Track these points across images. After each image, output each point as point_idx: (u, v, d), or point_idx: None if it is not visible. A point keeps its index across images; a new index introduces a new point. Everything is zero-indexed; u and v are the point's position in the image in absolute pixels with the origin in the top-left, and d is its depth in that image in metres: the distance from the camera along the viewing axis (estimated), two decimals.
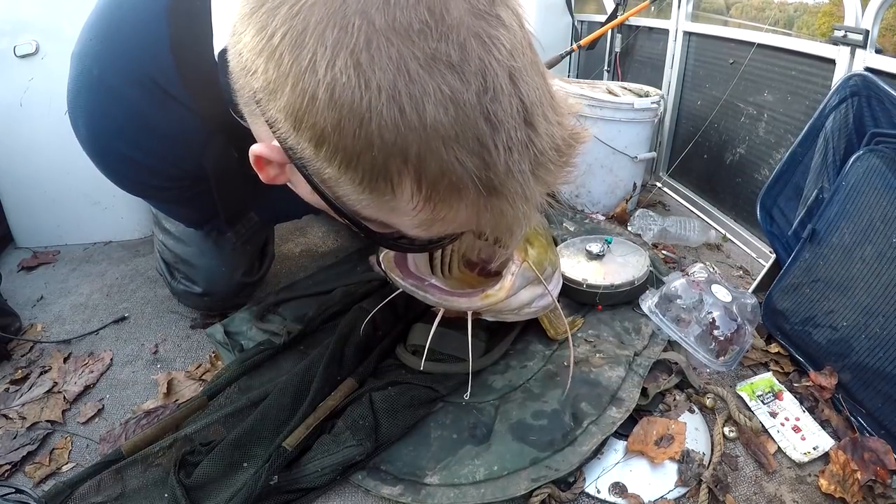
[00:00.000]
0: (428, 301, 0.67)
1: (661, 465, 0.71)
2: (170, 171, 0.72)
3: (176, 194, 0.78)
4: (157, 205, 0.86)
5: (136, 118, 0.65)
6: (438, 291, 0.66)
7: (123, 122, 0.65)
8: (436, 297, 0.66)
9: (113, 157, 0.68)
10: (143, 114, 0.65)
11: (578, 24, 2.31)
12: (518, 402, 0.78)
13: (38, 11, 1.15)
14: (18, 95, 1.17)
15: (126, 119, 0.65)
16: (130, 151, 0.67)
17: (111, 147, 0.67)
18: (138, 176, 0.71)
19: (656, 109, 1.38)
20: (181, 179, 0.74)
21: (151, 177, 0.71)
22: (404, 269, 0.69)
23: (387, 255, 0.70)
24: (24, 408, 0.81)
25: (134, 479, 0.67)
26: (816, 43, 1.12)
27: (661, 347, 0.90)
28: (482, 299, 0.64)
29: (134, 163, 0.69)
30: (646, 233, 1.31)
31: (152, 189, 0.75)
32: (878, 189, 0.79)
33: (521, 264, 0.66)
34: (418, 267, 0.72)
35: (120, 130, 0.66)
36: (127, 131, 0.66)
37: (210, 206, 0.82)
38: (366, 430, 0.70)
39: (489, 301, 0.64)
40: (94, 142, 0.68)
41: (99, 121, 0.66)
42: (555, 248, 0.85)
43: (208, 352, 0.94)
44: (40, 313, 1.05)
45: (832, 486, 0.68)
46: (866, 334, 0.78)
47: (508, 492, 0.65)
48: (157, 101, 0.64)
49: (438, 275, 0.77)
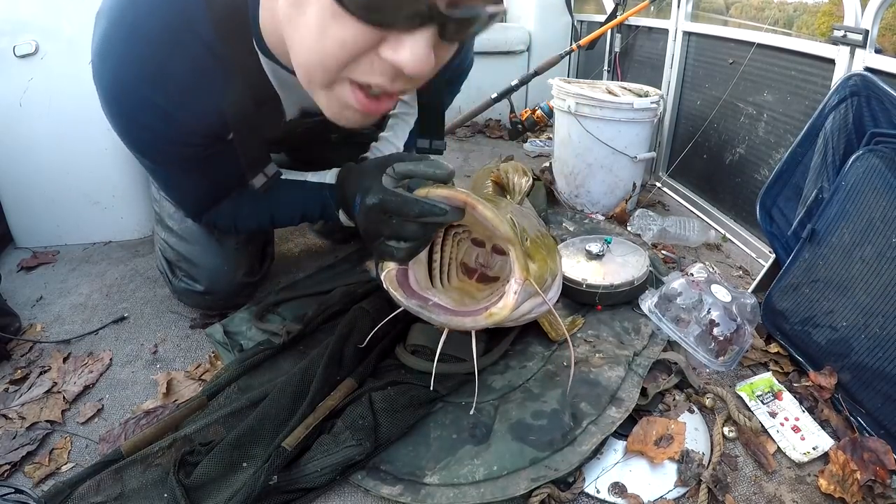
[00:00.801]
0: (432, 321, 0.68)
1: (661, 465, 0.71)
2: (188, 123, 0.72)
3: (189, 153, 0.77)
4: (164, 175, 0.84)
5: (161, 61, 0.65)
6: (443, 311, 0.67)
7: (150, 64, 0.65)
8: (440, 317, 0.67)
9: (136, 103, 0.68)
10: (169, 58, 0.66)
11: (578, 23, 2.31)
12: (518, 402, 0.78)
13: (38, 11, 1.15)
14: (18, 95, 1.17)
15: (156, 64, 0.65)
16: (155, 95, 0.67)
17: (137, 93, 0.67)
18: (157, 125, 0.71)
19: (656, 109, 1.38)
20: (197, 135, 0.74)
21: (169, 127, 0.71)
22: (407, 289, 0.69)
23: (389, 274, 0.70)
24: (23, 408, 0.81)
25: (133, 479, 0.67)
26: (816, 43, 1.12)
27: (660, 347, 0.90)
28: (486, 318, 0.65)
29: (156, 110, 0.69)
30: (645, 233, 1.32)
31: (166, 145, 0.75)
32: (877, 189, 0.79)
33: (524, 283, 0.66)
34: (419, 281, 0.72)
35: (149, 75, 0.66)
36: (155, 76, 0.66)
37: (219, 174, 0.83)
38: (365, 430, 0.70)
39: (493, 319, 0.65)
40: (120, 88, 0.67)
41: (129, 67, 0.66)
42: (556, 251, 0.86)
43: (208, 352, 0.94)
44: (40, 313, 1.05)
45: (832, 486, 0.68)
46: (866, 334, 0.78)
47: (508, 492, 0.65)
48: (182, 45, 0.65)
49: (438, 286, 0.77)
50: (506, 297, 0.66)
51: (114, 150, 1.26)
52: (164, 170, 0.82)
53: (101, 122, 1.25)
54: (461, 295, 0.77)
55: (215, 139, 0.76)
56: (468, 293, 0.79)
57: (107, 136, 1.24)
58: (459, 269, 0.84)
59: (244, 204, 0.88)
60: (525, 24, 2.42)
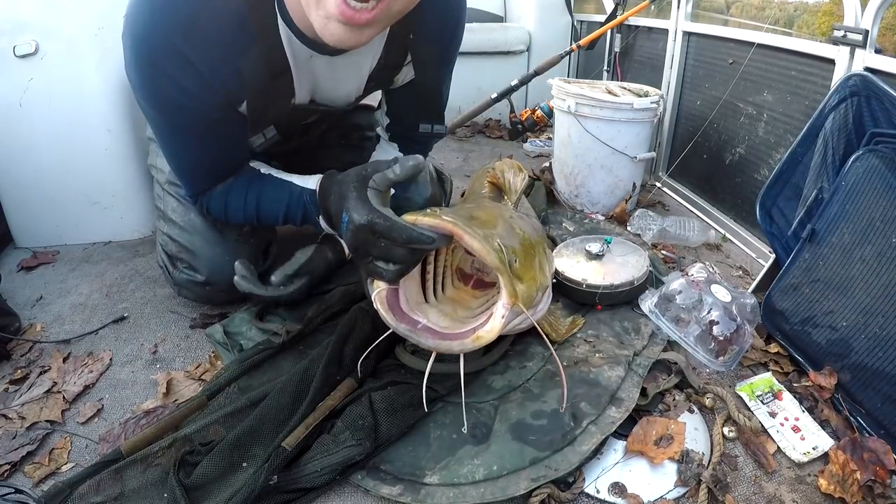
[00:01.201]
0: (421, 345, 0.69)
1: (661, 464, 0.71)
2: (208, 79, 0.76)
3: (202, 114, 0.80)
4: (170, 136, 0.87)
5: (197, 16, 0.71)
6: (431, 336, 0.68)
7: (185, 18, 0.70)
8: (429, 341, 0.67)
9: (164, 50, 0.72)
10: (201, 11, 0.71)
11: (578, 23, 2.31)
12: (517, 402, 0.78)
13: (38, 11, 1.15)
14: (18, 95, 1.17)
15: (187, 16, 0.70)
16: (183, 45, 0.71)
17: (167, 40, 0.71)
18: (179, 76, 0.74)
19: (656, 109, 1.38)
20: (214, 94, 0.78)
21: (190, 80, 0.75)
22: (397, 311, 0.70)
23: (380, 294, 0.70)
24: (23, 408, 0.81)
25: (133, 479, 0.67)
26: (816, 43, 1.12)
27: (660, 347, 0.90)
28: (474, 341, 0.66)
29: (182, 60, 0.72)
30: (645, 233, 1.32)
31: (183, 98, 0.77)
32: (877, 189, 0.79)
33: (512, 307, 0.67)
34: (409, 299, 0.72)
35: (180, 25, 0.71)
36: (186, 27, 0.71)
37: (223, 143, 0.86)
38: (365, 430, 0.70)
39: (481, 342, 0.66)
40: (151, 34, 0.71)
41: (163, 13, 0.70)
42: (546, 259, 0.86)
43: (208, 352, 0.94)
44: (40, 313, 1.05)
45: (832, 486, 0.68)
46: (866, 334, 0.78)
47: (508, 491, 0.65)
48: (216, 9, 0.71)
49: (431, 298, 0.78)
50: (493, 320, 0.66)
51: (114, 151, 1.26)
52: (172, 130, 0.84)
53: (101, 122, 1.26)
54: (454, 307, 0.77)
55: (228, 105, 0.81)
56: (462, 303, 0.79)
57: (107, 136, 1.24)
58: (455, 275, 0.84)
59: (234, 192, 0.91)
60: (525, 24, 2.42)
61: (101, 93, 1.21)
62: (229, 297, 1.01)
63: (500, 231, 0.73)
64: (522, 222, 0.87)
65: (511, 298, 0.66)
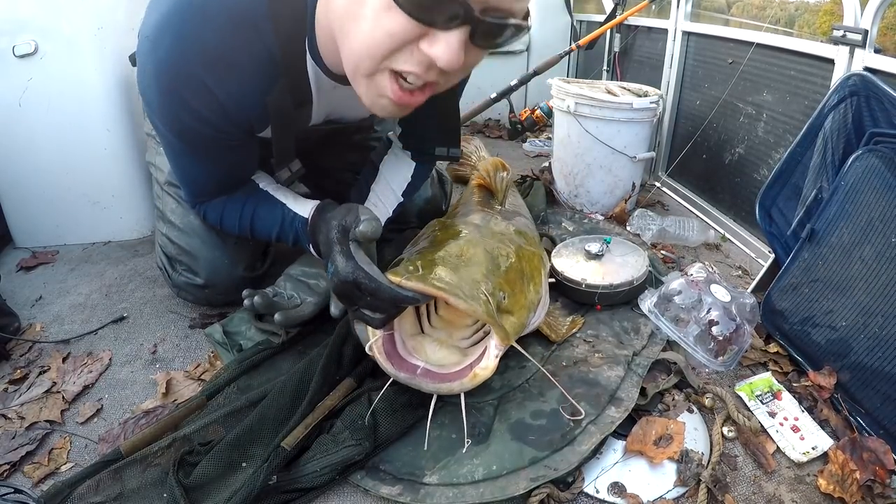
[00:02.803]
0: (422, 390, 0.72)
1: (660, 464, 0.71)
2: (230, 111, 0.75)
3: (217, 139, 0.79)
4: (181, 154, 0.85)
5: (224, 53, 0.70)
6: (431, 380, 0.71)
7: (213, 52, 0.69)
8: (430, 386, 0.71)
9: (186, 81, 0.70)
10: (232, 51, 0.70)
11: (577, 23, 2.31)
12: (517, 401, 0.78)
13: (37, 11, 1.15)
14: (17, 95, 1.17)
15: (216, 50, 0.69)
16: (207, 78, 0.70)
17: (189, 71, 0.69)
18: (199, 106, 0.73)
19: (655, 109, 1.38)
20: (233, 124, 0.77)
21: (210, 111, 0.74)
22: (395, 359, 0.72)
23: (376, 344, 0.72)
24: (22, 408, 0.81)
25: (133, 479, 0.67)
26: (815, 42, 1.12)
27: (659, 347, 0.90)
28: (471, 380, 0.70)
29: (204, 91, 0.71)
30: (645, 233, 1.32)
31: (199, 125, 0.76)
32: (876, 189, 0.79)
33: (504, 347, 0.72)
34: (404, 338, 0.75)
35: (208, 58, 0.69)
36: (214, 61, 0.70)
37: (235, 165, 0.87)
38: (364, 430, 0.70)
39: (479, 380, 0.70)
40: (176, 64, 0.69)
41: (191, 45, 0.68)
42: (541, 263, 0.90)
43: (207, 352, 0.94)
44: (39, 313, 1.05)
45: (831, 485, 0.68)
46: (865, 334, 0.78)
47: (507, 491, 0.65)
48: (247, 41, 0.70)
49: (426, 324, 0.80)
50: (486, 358, 0.71)
51: (114, 150, 1.26)
52: (185, 149, 0.83)
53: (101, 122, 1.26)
54: (449, 331, 0.80)
55: (247, 132, 0.80)
56: (455, 323, 0.82)
57: (107, 136, 1.24)
58: None
59: (231, 206, 0.90)
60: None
61: (100, 93, 1.21)
62: (228, 300, 1.01)
63: (485, 268, 0.77)
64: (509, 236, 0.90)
65: (503, 342, 0.71)
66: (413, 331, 0.78)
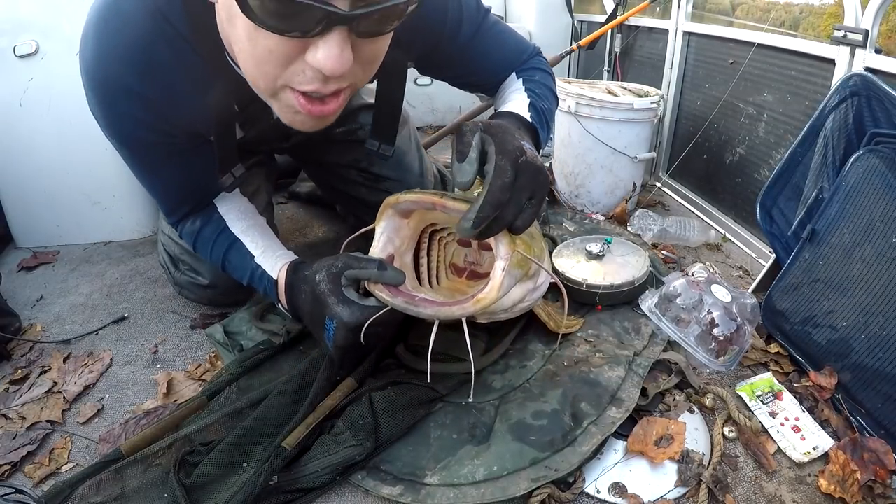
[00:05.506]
0: (421, 315, 0.66)
1: (661, 465, 0.71)
2: (167, 115, 0.72)
3: (169, 147, 0.77)
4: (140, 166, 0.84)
5: (145, 48, 0.66)
6: (430, 304, 0.66)
7: (134, 50, 0.66)
8: (428, 310, 0.65)
9: (116, 87, 0.68)
10: (153, 46, 0.66)
11: (578, 24, 2.31)
12: (518, 401, 0.78)
13: (38, 11, 1.15)
14: (18, 95, 1.18)
15: (136, 48, 0.66)
16: (135, 82, 0.68)
17: (117, 76, 0.67)
18: (135, 113, 0.71)
19: (656, 109, 1.38)
20: (176, 127, 0.75)
21: (147, 114, 0.71)
22: (392, 288, 0.68)
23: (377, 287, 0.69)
24: (23, 408, 0.81)
25: (133, 479, 0.67)
26: (816, 43, 1.12)
27: (660, 347, 0.90)
28: (474, 304, 0.64)
29: (135, 96, 0.69)
30: (645, 233, 1.31)
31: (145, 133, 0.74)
32: (877, 189, 0.79)
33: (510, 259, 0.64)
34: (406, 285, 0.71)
35: (129, 58, 0.66)
36: (135, 59, 0.66)
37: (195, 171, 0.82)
38: (365, 430, 0.70)
39: (482, 304, 0.63)
40: (100, 68, 0.67)
41: (108, 45, 0.66)
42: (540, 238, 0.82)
43: (208, 352, 0.94)
44: (40, 313, 1.05)
45: (832, 486, 0.68)
46: (866, 334, 0.78)
47: (508, 492, 0.65)
48: (165, 36, 0.66)
49: (427, 287, 0.78)
50: (491, 279, 0.64)
51: (114, 150, 1.25)
52: (137, 160, 0.82)
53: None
54: (450, 293, 0.77)
55: (194, 136, 0.77)
56: (458, 290, 0.79)
57: None
58: (449, 269, 0.84)
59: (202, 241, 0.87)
60: (525, 24, 2.42)
61: None
62: (231, 300, 1.01)
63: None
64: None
65: (510, 246, 0.64)
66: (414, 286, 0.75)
